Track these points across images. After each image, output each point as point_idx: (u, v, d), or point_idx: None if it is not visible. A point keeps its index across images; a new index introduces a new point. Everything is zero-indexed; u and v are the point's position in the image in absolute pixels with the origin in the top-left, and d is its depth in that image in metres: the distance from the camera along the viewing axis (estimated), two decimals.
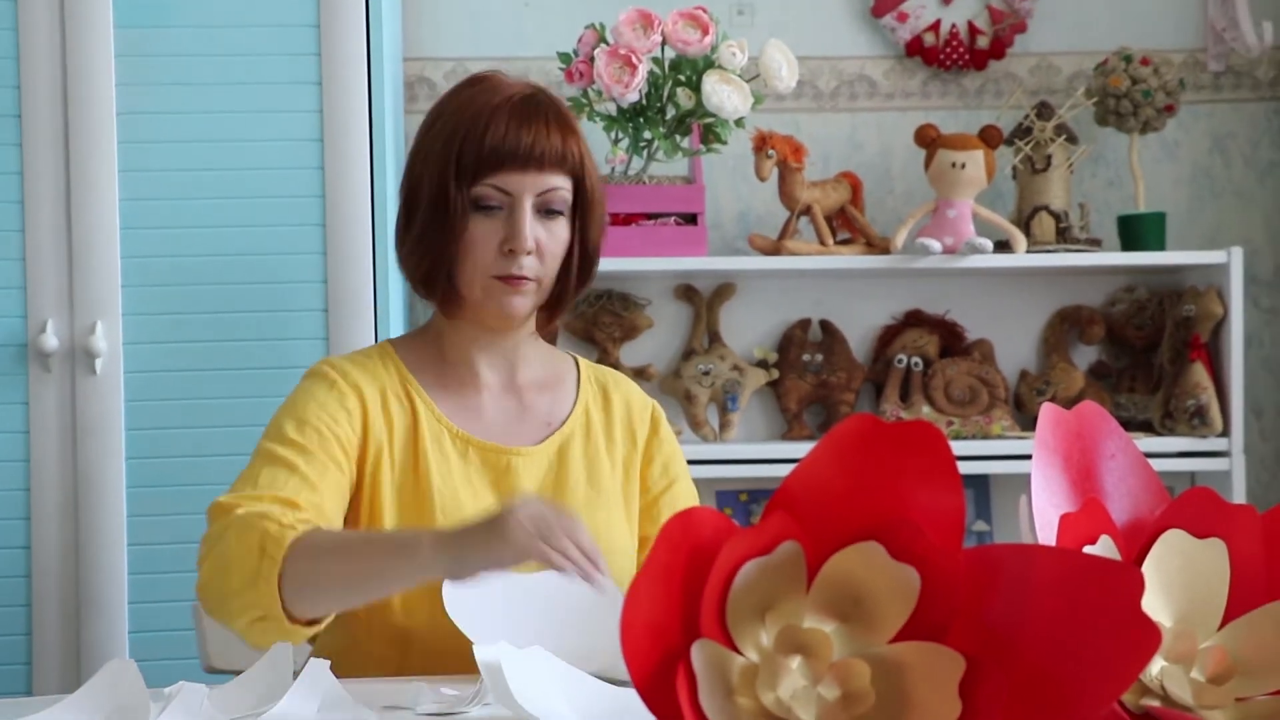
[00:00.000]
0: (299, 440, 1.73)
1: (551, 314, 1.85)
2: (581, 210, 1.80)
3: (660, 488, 1.91)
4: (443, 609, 1.58)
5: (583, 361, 1.97)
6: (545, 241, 1.77)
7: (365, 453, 1.78)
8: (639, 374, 3.21)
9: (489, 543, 1.49)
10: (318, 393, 1.79)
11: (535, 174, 1.75)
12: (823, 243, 3.16)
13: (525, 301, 1.79)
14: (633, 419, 1.92)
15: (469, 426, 1.83)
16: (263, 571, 1.57)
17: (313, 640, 1.79)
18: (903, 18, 3.36)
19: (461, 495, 1.78)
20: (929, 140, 3.15)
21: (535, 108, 1.77)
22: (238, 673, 1.46)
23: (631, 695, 1.09)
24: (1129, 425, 3.19)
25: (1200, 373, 3.13)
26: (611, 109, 2.92)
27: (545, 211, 1.77)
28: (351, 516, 1.77)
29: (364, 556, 1.59)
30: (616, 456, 1.89)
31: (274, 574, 1.56)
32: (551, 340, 2.07)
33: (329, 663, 1.42)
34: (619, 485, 1.88)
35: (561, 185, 1.77)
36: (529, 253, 1.76)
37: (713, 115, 2.88)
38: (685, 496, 1.94)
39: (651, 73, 2.86)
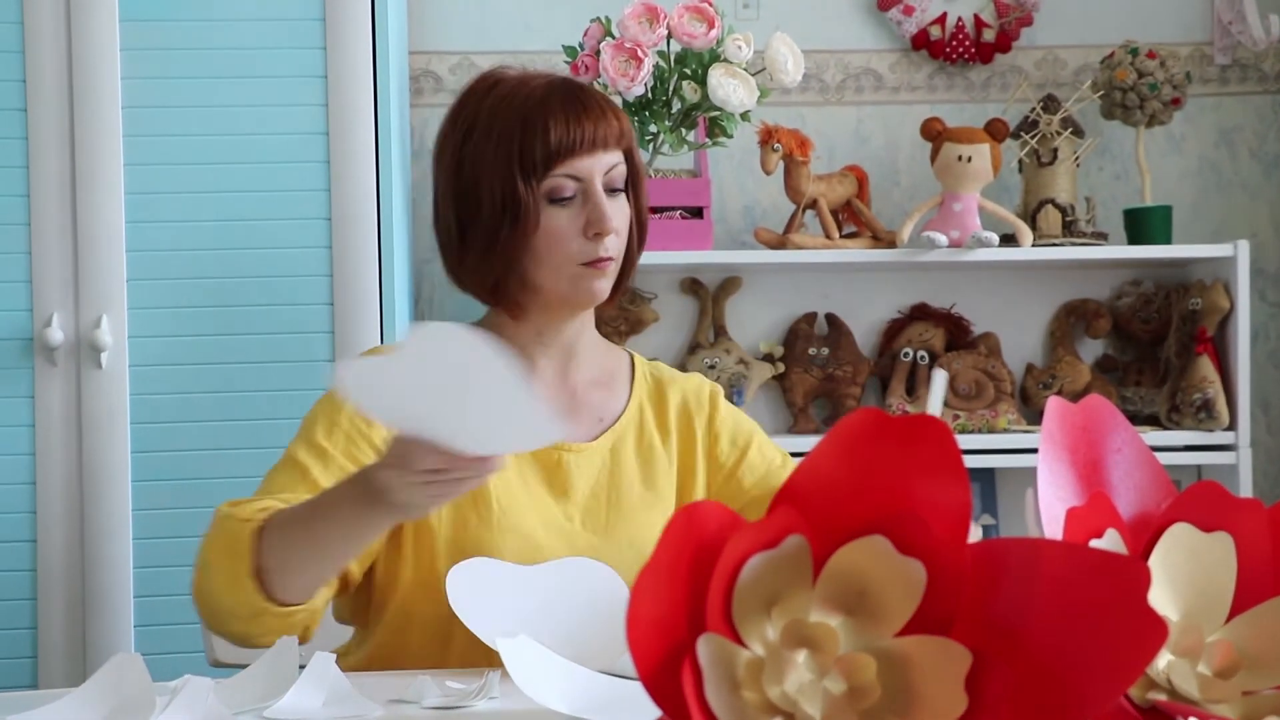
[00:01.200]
0: (325, 445, 1.73)
1: (619, 288, 1.85)
2: (635, 183, 1.83)
3: (733, 459, 1.90)
4: None
5: (638, 358, 1.96)
6: (618, 219, 1.78)
7: None
8: None
9: (392, 512, 1.53)
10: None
11: (601, 154, 1.76)
12: (829, 236, 3.16)
13: (609, 282, 1.80)
14: (690, 410, 1.91)
15: None
16: (236, 572, 1.58)
17: (352, 621, 1.82)
18: (909, 11, 3.36)
19: (515, 490, 1.77)
20: (935, 134, 3.15)
21: (581, 92, 1.78)
22: (243, 667, 1.46)
23: (632, 687, 1.09)
24: (1135, 419, 3.19)
25: (1207, 366, 3.13)
26: (617, 102, 2.92)
27: (610, 190, 1.78)
28: None
29: (312, 524, 1.59)
30: (673, 452, 1.88)
31: (246, 571, 1.58)
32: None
33: (334, 656, 1.42)
34: (674, 483, 1.87)
35: (619, 162, 1.79)
36: (614, 232, 1.77)
37: (718, 109, 2.87)
38: (761, 456, 1.92)
39: (657, 66, 2.86)
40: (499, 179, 1.75)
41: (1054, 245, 3.16)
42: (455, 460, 1.43)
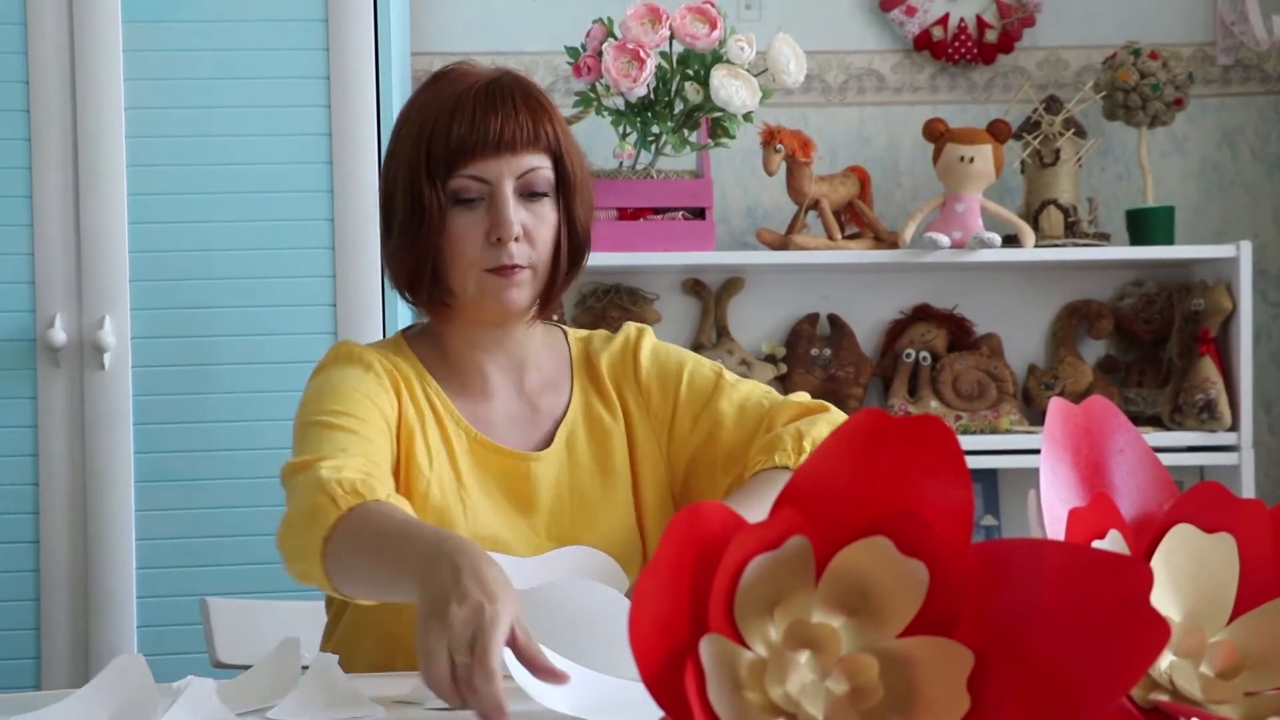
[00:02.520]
0: (346, 411, 1.66)
1: (545, 303, 1.77)
2: (565, 189, 1.73)
3: (668, 410, 1.81)
4: None
5: (571, 335, 1.89)
6: (532, 225, 1.71)
7: (401, 436, 1.73)
8: None
9: (432, 624, 1.29)
10: (351, 375, 1.72)
11: (510, 157, 1.69)
12: (831, 237, 3.16)
13: (522, 293, 1.72)
14: (618, 376, 1.83)
15: (486, 431, 1.77)
16: (309, 545, 1.50)
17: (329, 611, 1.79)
18: (911, 12, 3.36)
19: (483, 514, 1.73)
20: (937, 134, 3.15)
21: (500, 91, 1.71)
22: (246, 667, 1.46)
23: (633, 688, 1.07)
24: (1138, 420, 3.18)
25: (1209, 367, 3.12)
26: (619, 103, 2.92)
27: (528, 194, 1.71)
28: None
29: (382, 564, 1.46)
30: (619, 421, 1.81)
31: (317, 549, 1.49)
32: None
33: (337, 657, 1.42)
34: (626, 455, 1.80)
35: (540, 165, 1.71)
36: (516, 239, 1.69)
37: (721, 110, 2.87)
38: (692, 391, 1.81)
39: (659, 67, 2.86)
40: (408, 177, 1.71)
41: (1056, 246, 3.16)
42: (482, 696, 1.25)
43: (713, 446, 1.78)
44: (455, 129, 1.68)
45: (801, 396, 1.80)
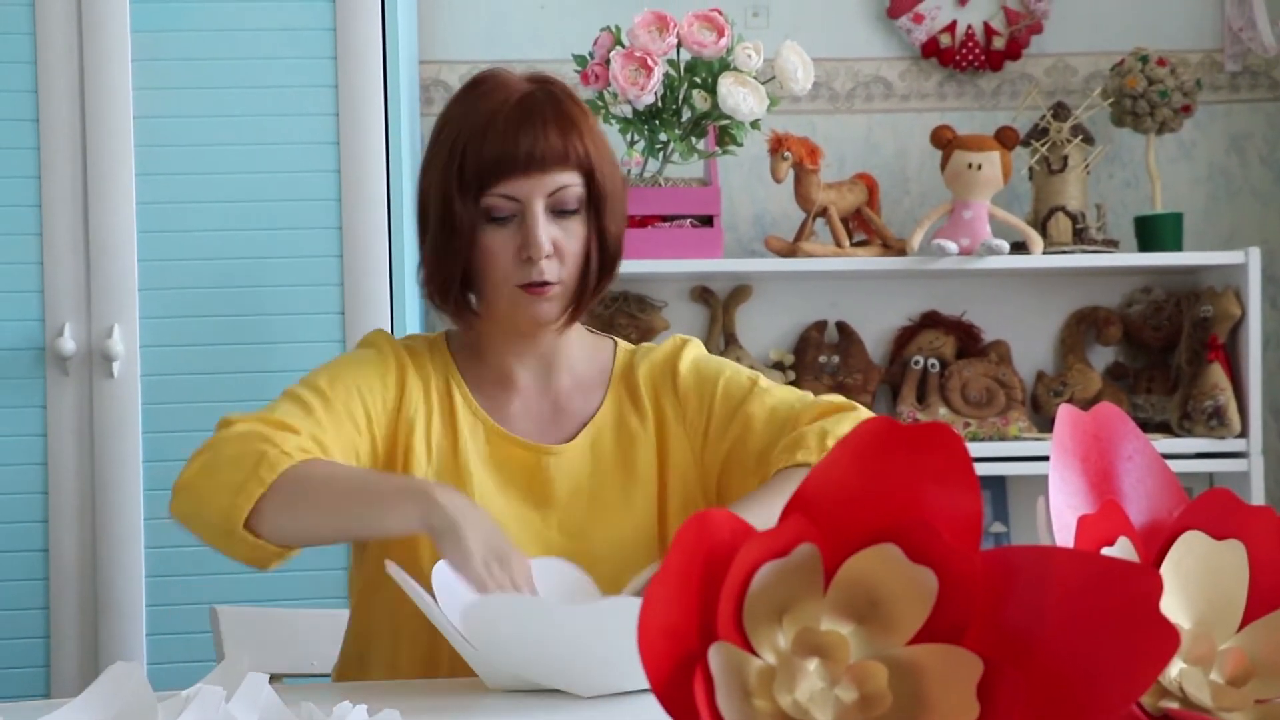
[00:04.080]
0: (325, 390, 1.74)
1: (573, 313, 1.80)
2: (596, 204, 1.75)
3: (703, 419, 1.82)
4: None
5: (622, 346, 1.92)
6: (562, 242, 1.73)
7: (397, 428, 1.78)
8: None
9: (450, 551, 1.54)
10: (360, 357, 1.81)
11: (540, 176, 1.71)
12: (839, 244, 3.16)
13: (552, 306, 1.76)
14: (657, 384, 1.85)
15: (505, 424, 1.81)
16: (246, 488, 1.59)
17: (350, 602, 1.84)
18: (918, 19, 3.36)
19: (494, 503, 1.76)
20: (945, 141, 3.15)
21: (533, 107, 1.72)
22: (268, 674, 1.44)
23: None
24: (1146, 426, 3.18)
25: (1218, 373, 3.12)
26: (627, 111, 2.92)
27: (558, 212, 1.73)
28: None
29: (344, 500, 1.61)
30: (650, 430, 1.83)
31: (257, 493, 1.59)
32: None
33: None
34: (654, 462, 1.82)
35: (571, 183, 1.73)
36: (547, 257, 1.72)
37: (728, 117, 2.88)
38: (726, 400, 1.83)
39: (667, 75, 2.86)
40: (441, 192, 1.74)
41: (1064, 253, 3.16)
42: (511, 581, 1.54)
43: (743, 450, 1.79)
44: (487, 147, 1.70)
45: (833, 397, 1.81)
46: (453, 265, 1.75)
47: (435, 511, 1.56)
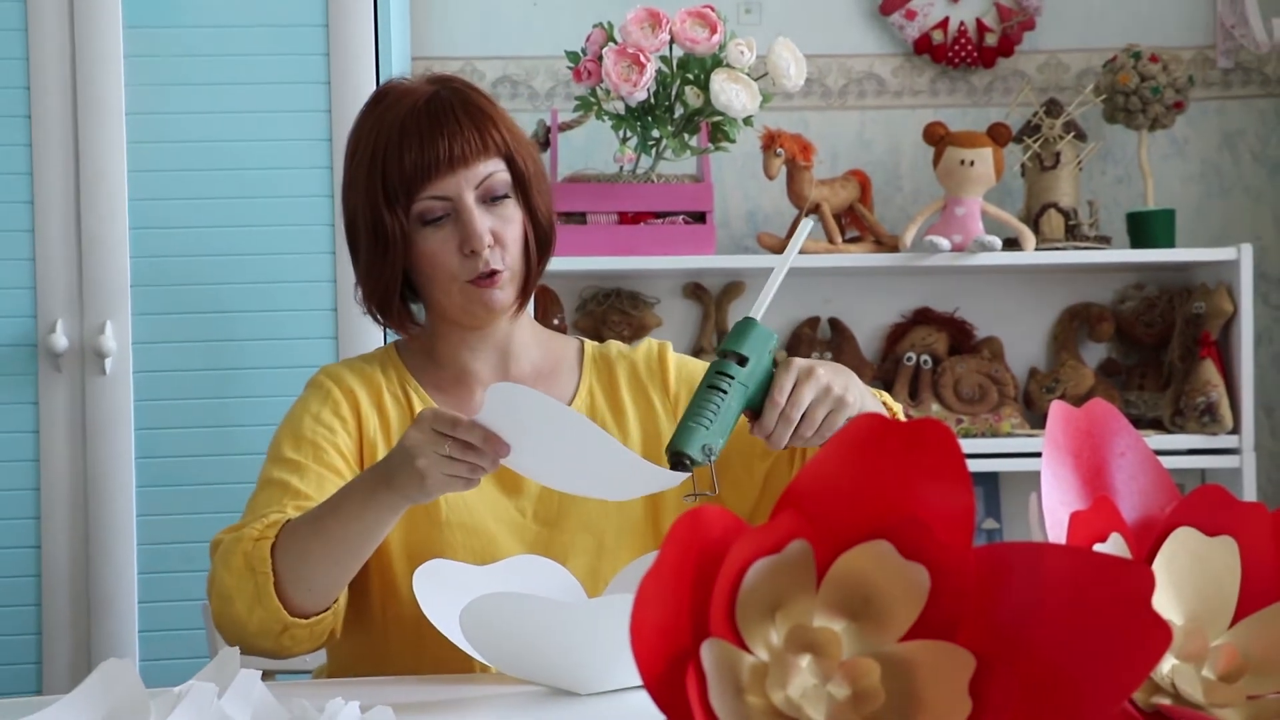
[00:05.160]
0: (295, 458, 1.76)
1: (521, 296, 1.82)
2: (523, 186, 1.78)
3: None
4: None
5: (589, 344, 1.94)
6: (500, 229, 1.76)
7: (363, 457, 1.80)
8: None
9: (405, 490, 1.55)
10: (311, 405, 1.82)
11: (464, 170, 1.74)
12: (831, 241, 3.16)
13: (504, 294, 1.78)
14: (641, 380, 1.88)
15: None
16: (260, 589, 1.60)
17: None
18: (911, 15, 3.36)
19: (465, 493, 1.77)
20: (937, 138, 3.15)
21: (442, 106, 1.75)
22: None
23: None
24: (1139, 423, 3.18)
25: (1210, 370, 3.12)
26: (620, 108, 2.92)
27: (489, 200, 1.76)
28: None
29: (324, 523, 1.62)
30: (631, 426, 1.85)
31: (269, 586, 1.60)
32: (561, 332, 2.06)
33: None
34: (639, 452, 1.82)
35: (495, 169, 1.76)
36: (489, 247, 1.75)
37: (721, 114, 2.87)
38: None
39: (659, 71, 2.86)
40: (368, 207, 1.76)
41: (1057, 249, 3.16)
42: (474, 430, 1.50)
43: (746, 436, 1.79)
44: (406, 155, 1.73)
45: None
46: (390, 277, 1.77)
47: (387, 470, 1.57)
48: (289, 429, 1.81)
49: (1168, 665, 1.04)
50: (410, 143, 1.73)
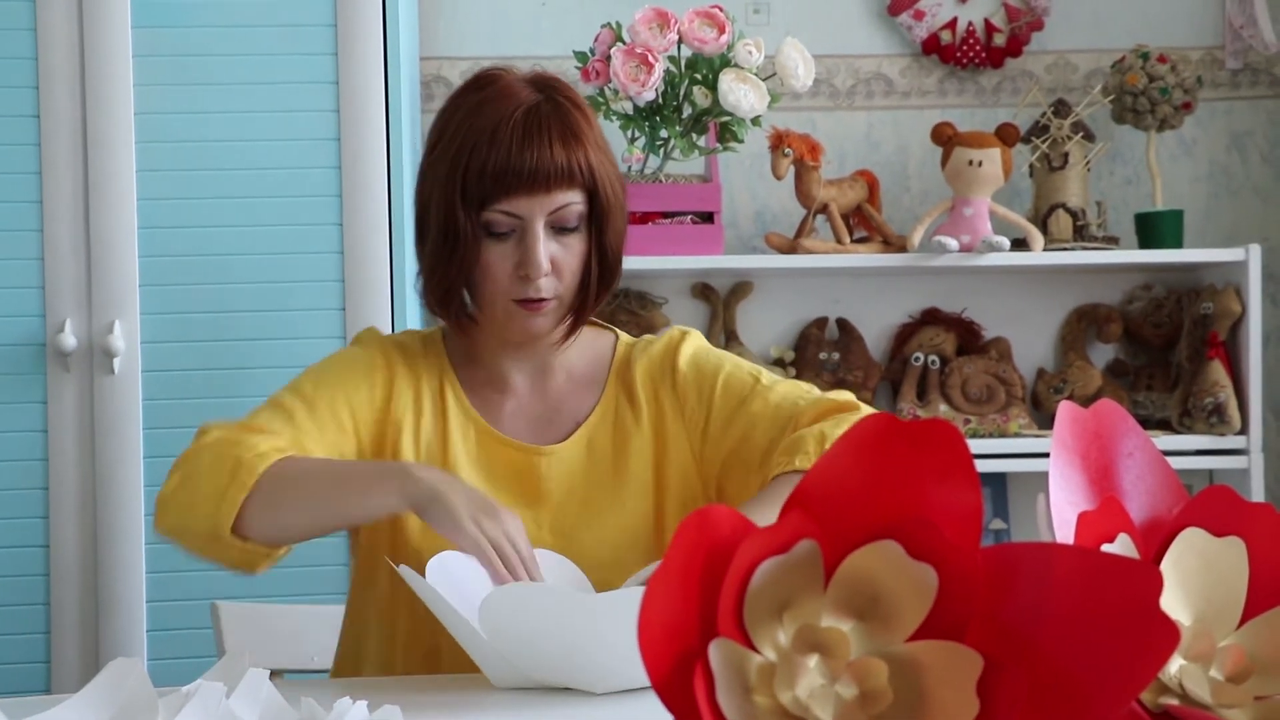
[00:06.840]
0: (309, 394, 1.76)
1: (573, 324, 1.79)
2: (598, 220, 1.74)
3: (702, 415, 1.80)
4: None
5: (622, 339, 1.90)
6: (561, 258, 1.72)
7: (385, 429, 1.79)
8: None
9: (437, 518, 1.57)
10: (348, 357, 1.82)
11: (543, 195, 1.69)
12: (839, 241, 3.16)
13: (546, 321, 1.75)
14: (654, 380, 1.84)
15: (497, 425, 1.81)
16: (229, 494, 1.61)
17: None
18: (919, 16, 3.36)
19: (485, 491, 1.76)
20: (946, 138, 3.15)
21: (539, 120, 1.70)
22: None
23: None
24: (1147, 423, 3.18)
25: (1218, 371, 3.12)
26: (628, 108, 2.92)
27: (558, 229, 1.72)
28: None
29: (324, 491, 1.64)
30: (646, 426, 1.81)
31: (239, 498, 1.61)
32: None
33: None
34: (650, 460, 1.81)
35: (573, 200, 1.71)
36: (545, 275, 1.71)
37: (729, 114, 2.88)
38: (726, 396, 1.80)
39: (668, 71, 2.86)
40: (443, 202, 1.72)
41: (1065, 250, 3.16)
42: (518, 552, 1.56)
43: (747, 448, 1.77)
44: (491, 161, 1.68)
45: (836, 395, 1.78)
46: (455, 275, 1.74)
47: (414, 486, 1.58)
48: (319, 369, 1.81)
49: (1175, 666, 1.04)
50: (497, 152, 1.68)
